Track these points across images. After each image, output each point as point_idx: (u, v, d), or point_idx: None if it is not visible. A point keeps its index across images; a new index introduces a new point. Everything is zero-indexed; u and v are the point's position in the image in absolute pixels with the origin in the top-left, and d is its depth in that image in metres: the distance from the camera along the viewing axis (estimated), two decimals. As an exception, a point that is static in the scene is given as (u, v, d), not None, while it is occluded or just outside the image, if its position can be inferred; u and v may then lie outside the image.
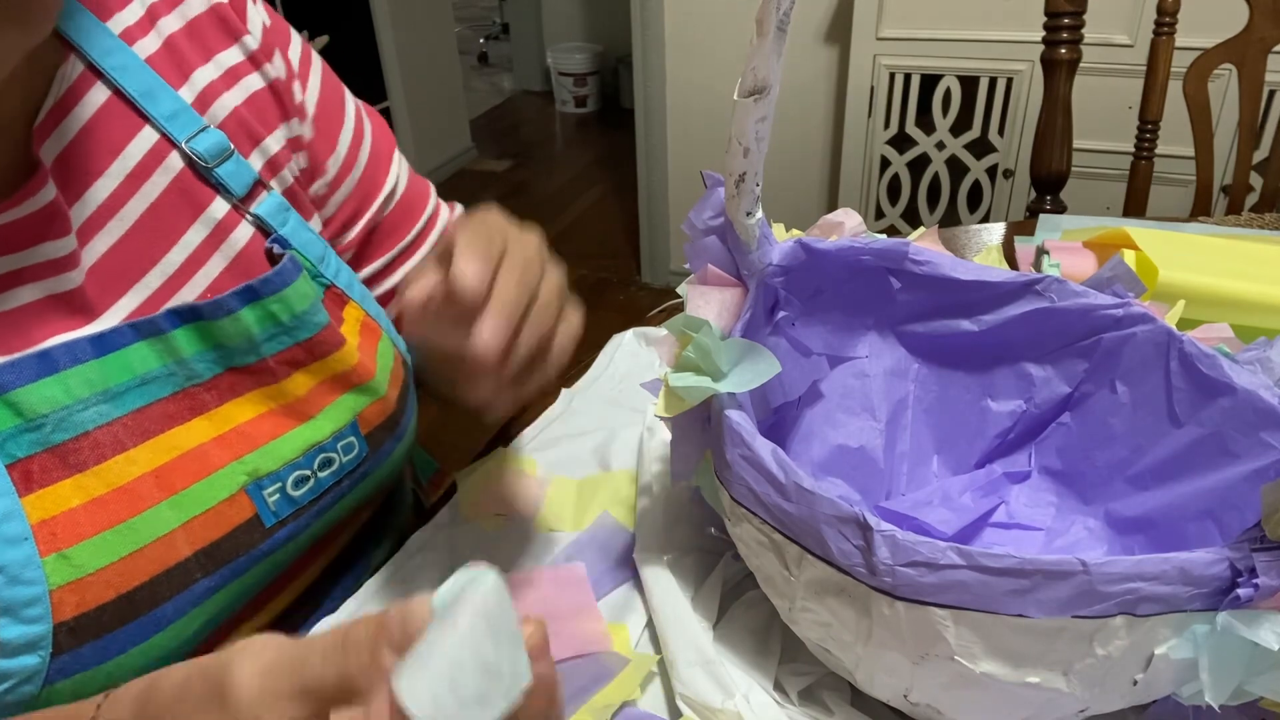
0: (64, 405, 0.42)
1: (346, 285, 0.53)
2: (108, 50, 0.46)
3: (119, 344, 0.44)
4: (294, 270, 0.49)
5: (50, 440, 0.41)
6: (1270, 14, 1.17)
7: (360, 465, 0.52)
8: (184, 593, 0.44)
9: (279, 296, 0.48)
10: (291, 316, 0.48)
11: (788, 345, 0.53)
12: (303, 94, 0.55)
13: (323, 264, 0.52)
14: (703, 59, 2.31)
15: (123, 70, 0.46)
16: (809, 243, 0.52)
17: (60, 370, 0.42)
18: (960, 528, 0.51)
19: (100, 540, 0.41)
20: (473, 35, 4.98)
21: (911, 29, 1.90)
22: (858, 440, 0.56)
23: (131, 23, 0.48)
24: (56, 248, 0.43)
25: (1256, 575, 0.33)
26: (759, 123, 0.41)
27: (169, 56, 0.48)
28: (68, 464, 0.42)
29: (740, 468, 0.41)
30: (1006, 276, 0.53)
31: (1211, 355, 0.47)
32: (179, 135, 0.47)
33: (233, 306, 0.46)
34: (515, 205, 3.36)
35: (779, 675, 0.46)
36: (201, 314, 0.46)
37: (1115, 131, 1.80)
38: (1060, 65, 1.16)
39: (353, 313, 0.53)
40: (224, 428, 0.47)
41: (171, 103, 0.47)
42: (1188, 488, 0.47)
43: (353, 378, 0.51)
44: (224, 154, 0.48)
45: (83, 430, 0.42)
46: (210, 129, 0.48)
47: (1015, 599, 0.34)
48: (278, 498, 0.48)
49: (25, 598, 0.39)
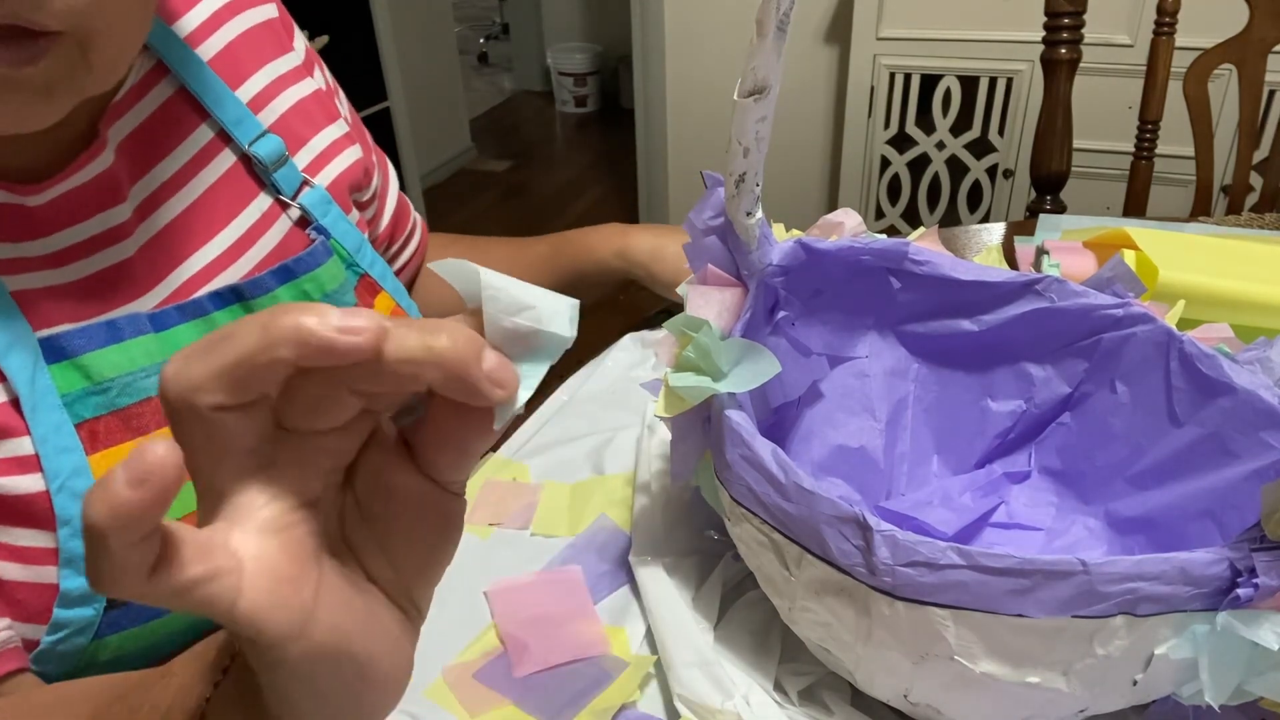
0: (128, 371, 0.45)
1: (380, 276, 0.56)
2: (174, 50, 0.50)
3: (168, 324, 0.47)
4: (325, 252, 0.52)
5: (115, 404, 0.44)
6: (1270, 14, 1.17)
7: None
8: None
9: (311, 276, 0.51)
10: (323, 295, 0.51)
11: (788, 345, 0.53)
12: (344, 108, 0.62)
13: (359, 254, 0.55)
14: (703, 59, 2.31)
15: (188, 69, 0.50)
16: (809, 243, 0.52)
17: (125, 339, 0.45)
18: (960, 528, 0.51)
19: None
20: (473, 35, 4.98)
21: (911, 29, 1.90)
22: (858, 440, 0.56)
23: (195, 26, 0.51)
24: (113, 216, 0.46)
25: (1256, 575, 0.33)
26: (759, 123, 0.41)
27: (228, 60, 0.52)
28: (130, 427, 0.44)
29: (740, 468, 0.41)
30: (1006, 276, 0.53)
31: (1211, 355, 0.47)
32: (242, 138, 0.51)
33: (270, 285, 0.50)
34: (515, 205, 3.37)
35: (779, 675, 0.46)
36: (242, 294, 0.49)
37: (1115, 131, 1.80)
38: (1060, 65, 1.16)
39: (384, 302, 0.56)
40: None
41: (235, 107, 0.51)
42: (1188, 488, 0.47)
43: None
44: (281, 159, 0.52)
45: (145, 396, 0.45)
46: (269, 135, 0.52)
47: (1015, 599, 0.34)
48: None
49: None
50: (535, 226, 3.12)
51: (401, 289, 0.59)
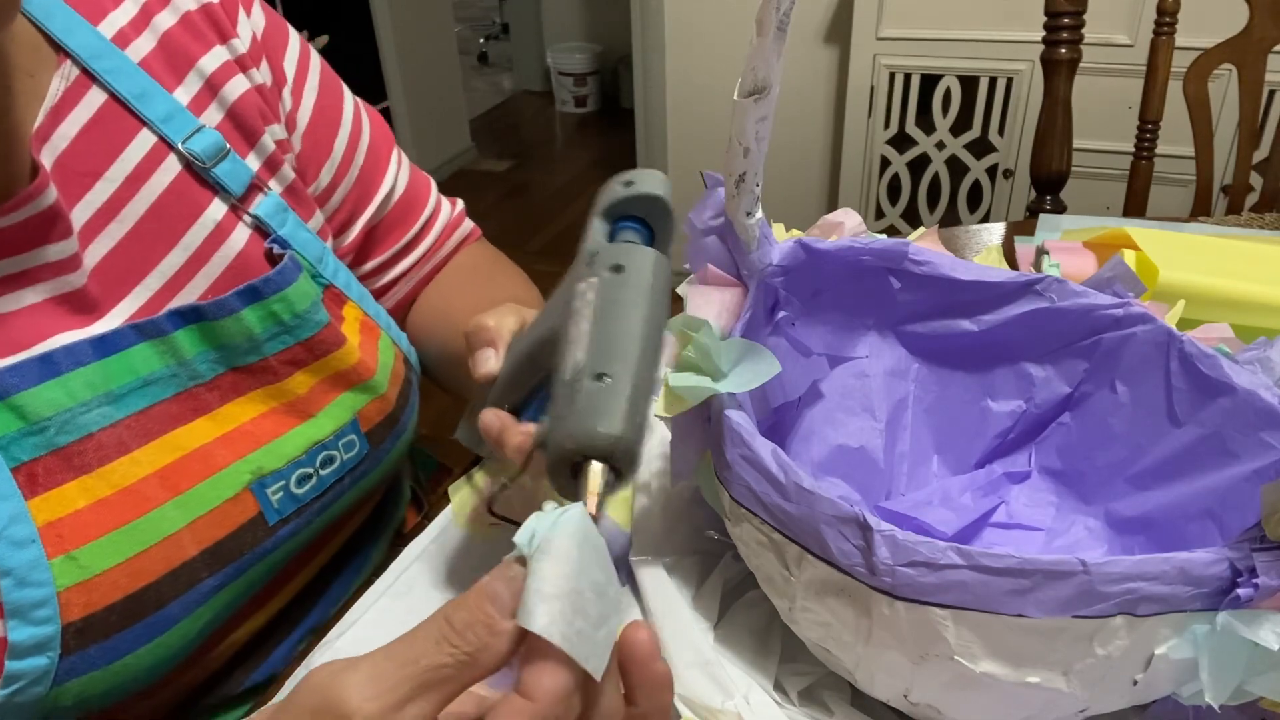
0: (67, 408, 0.42)
1: (345, 285, 0.53)
2: (99, 54, 0.46)
3: (121, 345, 0.44)
4: (295, 270, 0.49)
5: (54, 443, 0.41)
6: (1270, 14, 1.17)
7: (361, 463, 0.53)
8: (190, 592, 0.44)
9: (281, 296, 0.48)
10: (293, 316, 0.48)
11: (788, 345, 0.53)
12: (294, 104, 0.55)
13: (321, 264, 0.52)
14: (703, 59, 2.31)
15: (116, 73, 0.46)
16: (809, 243, 0.52)
17: (62, 373, 0.42)
18: (960, 528, 0.51)
19: (107, 541, 0.42)
20: (473, 35, 4.98)
21: (911, 29, 1.90)
22: (858, 440, 0.56)
23: (124, 23, 0.47)
24: (58, 250, 0.43)
25: (1256, 575, 0.33)
26: (759, 123, 0.41)
27: (165, 54, 0.48)
28: (72, 466, 0.42)
29: (740, 468, 0.41)
30: (1006, 276, 0.53)
31: (1211, 355, 0.47)
32: (175, 137, 0.47)
33: (235, 306, 0.47)
34: (515, 205, 3.36)
35: (779, 675, 0.46)
36: (204, 314, 0.46)
37: (1115, 131, 1.80)
38: (1060, 65, 1.16)
39: (352, 312, 0.53)
40: (227, 427, 0.47)
41: (166, 104, 0.47)
42: (1188, 488, 0.47)
43: (353, 376, 0.51)
44: (220, 153, 0.49)
45: (86, 432, 0.42)
46: (206, 129, 0.48)
47: (1015, 599, 0.34)
48: (281, 495, 0.48)
49: (34, 599, 0.39)
50: (535, 226, 3.12)
51: (366, 294, 0.55)
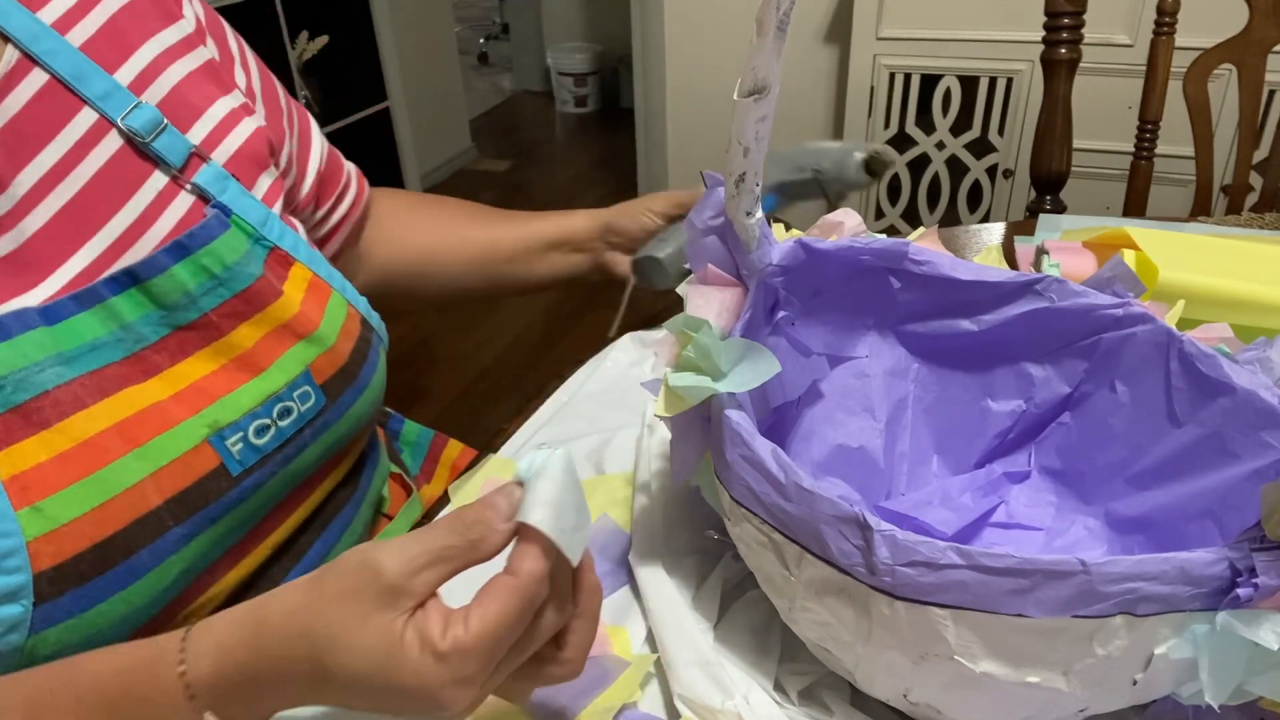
0: (21, 367, 0.43)
1: (292, 247, 0.55)
2: (36, 36, 0.48)
3: (63, 315, 0.46)
4: (220, 225, 0.51)
5: (11, 401, 0.43)
6: (1270, 14, 1.17)
7: (320, 415, 0.54)
8: (158, 541, 0.46)
9: (208, 249, 0.50)
10: (224, 268, 0.50)
11: (788, 345, 0.53)
12: (247, 78, 0.59)
13: (265, 227, 0.53)
14: (702, 59, 2.31)
15: (53, 55, 0.48)
16: (809, 243, 0.52)
17: (13, 336, 0.44)
18: (960, 528, 0.51)
19: (70, 492, 0.43)
20: (473, 35, 4.98)
21: (911, 29, 1.90)
22: (858, 440, 0.56)
23: (64, 11, 0.49)
24: None
25: (1256, 575, 0.33)
26: (759, 123, 0.41)
27: (109, 38, 0.51)
28: (31, 422, 0.43)
29: (740, 468, 0.41)
30: (1006, 276, 0.53)
31: (1211, 355, 0.47)
32: (113, 114, 0.49)
33: (165, 263, 0.48)
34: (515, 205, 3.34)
35: (779, 675, 0.46)
36: (138, 276, 0.48)
37: (1115, 131, 1.80)
38: (1060, 65, 1.16)
39: (299, 271, 0.55)
40: (179, 385, 0.49)
41: (103, 83, 0.49)
42: (1188, 488, 0.47)
43: (296, 328, 0.53)
44: (158, 127, 0.51)
45: (42, 390, 0.44)
46: (143, 105, 0.50)
47: (1015, 599, 0.34)
48: (241, 447, 0.50)
49: (3, 549, 0.40)
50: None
51: (318, 257, 0.57)
